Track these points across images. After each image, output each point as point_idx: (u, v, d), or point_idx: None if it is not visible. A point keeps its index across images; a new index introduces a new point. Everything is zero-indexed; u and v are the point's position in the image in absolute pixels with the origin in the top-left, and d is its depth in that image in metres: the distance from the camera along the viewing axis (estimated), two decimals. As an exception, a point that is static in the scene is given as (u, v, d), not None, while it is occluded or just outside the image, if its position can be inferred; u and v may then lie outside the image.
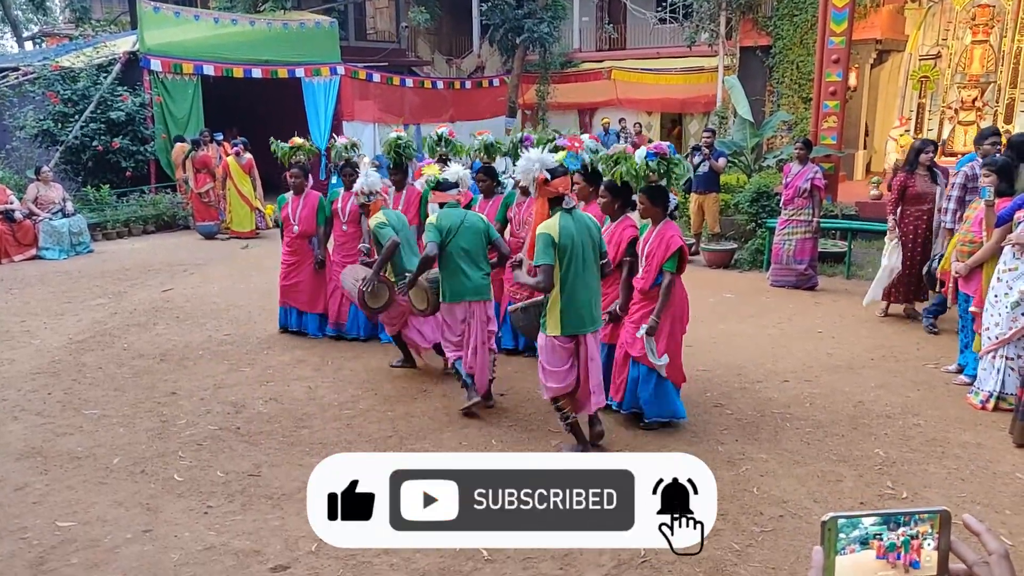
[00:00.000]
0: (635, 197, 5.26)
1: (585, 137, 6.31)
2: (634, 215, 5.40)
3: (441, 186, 5.51)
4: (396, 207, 6.76)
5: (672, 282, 4.91)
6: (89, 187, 13.60)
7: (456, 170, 5.65)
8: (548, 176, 4.54)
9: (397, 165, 7.05)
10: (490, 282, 5.53)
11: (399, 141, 7.03)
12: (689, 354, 6.53)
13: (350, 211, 7.09)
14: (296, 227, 7.27)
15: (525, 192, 6.66)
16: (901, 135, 14.28)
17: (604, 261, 4.78)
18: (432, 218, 5.42)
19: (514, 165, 6.01)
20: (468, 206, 6.83)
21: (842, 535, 1.06)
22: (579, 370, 4.62)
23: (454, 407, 5.51)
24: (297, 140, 7.83)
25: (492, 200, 6.83)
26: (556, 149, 6.34)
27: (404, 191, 7.06)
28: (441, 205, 5.50)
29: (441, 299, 5.44)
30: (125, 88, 14.32)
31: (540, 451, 4.80)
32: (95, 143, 13.64)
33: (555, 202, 4.63)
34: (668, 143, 5.28)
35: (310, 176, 7.65)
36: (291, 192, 7.36)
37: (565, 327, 4.52)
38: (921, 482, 4.35)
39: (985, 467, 4.52)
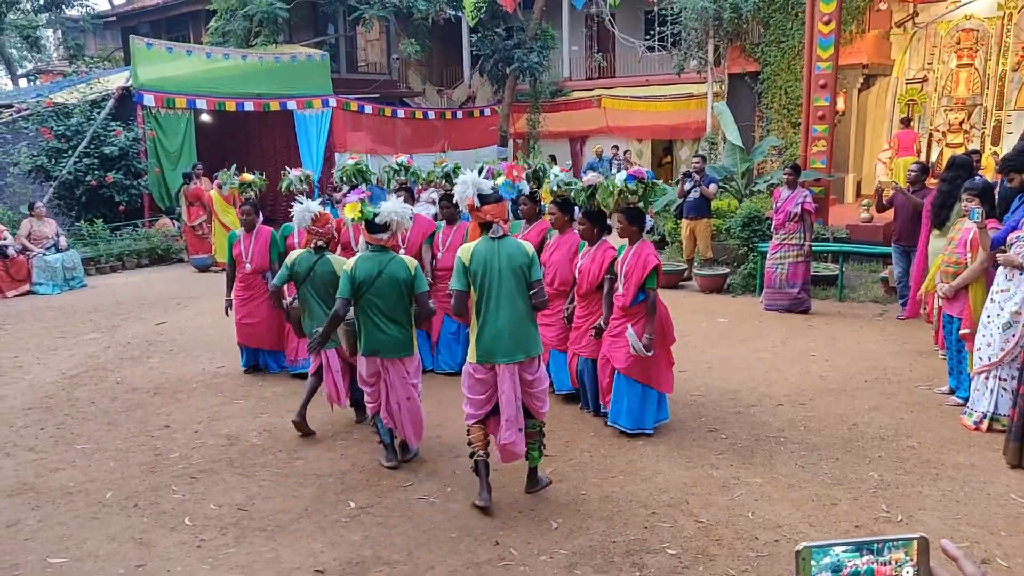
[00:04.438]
0: (610, 222, 5.53)
1: (556, 169, 6.43)
2: (610, 239, 5.71)
3: (370, 227, 4.74)
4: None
5: (655, 297, 5.26)
6: (83, 222, 13.66)
7: (392, 208, 4.75)
8: (478, 202, 4.36)
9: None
10: (411, 337, 4.88)
11: (358, 167, 7.16)
12: (683, 379, 6.55)
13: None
14: (248, 264, 6.98)
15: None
16: (889, 158, 14.45)
17: (534, 291, 4.35)
18: (347, 264, 4.79)
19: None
20: (432, 234, 6.91)
21: (813, 562, 1.07)
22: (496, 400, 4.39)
23: (450, 436, 5.50)
24: (247, 176, 7.82)
25: (456, 227, 6.93)
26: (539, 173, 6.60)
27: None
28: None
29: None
30: (118, 123, 14.44)
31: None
32: (88, 178, 13.70)
33: (485, 228, 4.42)
34: (647, 169, 5.56)
35: (259, 212, 7.39)
36: (242, 229, 7.10)
37: (480, 355, 4.34)
38: (916, 504, 4.34)
39: (980, 489, 4.52)
